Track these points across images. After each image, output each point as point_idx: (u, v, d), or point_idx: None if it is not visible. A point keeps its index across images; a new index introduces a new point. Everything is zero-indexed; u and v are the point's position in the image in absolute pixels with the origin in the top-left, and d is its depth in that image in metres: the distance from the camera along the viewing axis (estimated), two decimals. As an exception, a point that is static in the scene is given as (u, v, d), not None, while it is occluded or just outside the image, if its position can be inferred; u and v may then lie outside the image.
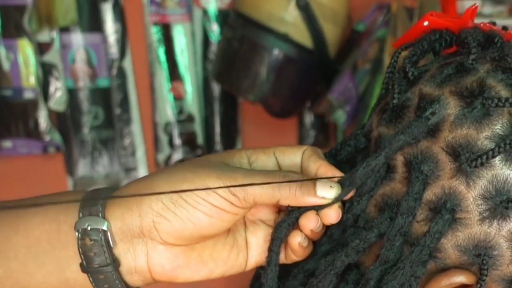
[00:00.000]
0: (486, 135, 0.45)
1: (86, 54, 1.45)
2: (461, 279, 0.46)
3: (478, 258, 0.46)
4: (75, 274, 0.48)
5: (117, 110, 1.49)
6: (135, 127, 1.51)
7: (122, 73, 1.48)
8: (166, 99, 1.50)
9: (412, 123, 0.46)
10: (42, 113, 1.43)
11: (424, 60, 0.51)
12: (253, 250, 0.52)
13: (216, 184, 0.47)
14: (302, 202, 0.48)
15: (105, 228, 0.47)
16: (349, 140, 0.53)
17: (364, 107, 1.26)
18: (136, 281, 0.49)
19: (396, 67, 0.51)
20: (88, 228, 0.47)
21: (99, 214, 0.47)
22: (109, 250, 0.47)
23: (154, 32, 1.47)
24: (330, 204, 0.48)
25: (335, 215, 0.48)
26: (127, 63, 1.48)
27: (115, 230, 0.47)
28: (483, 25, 0.49)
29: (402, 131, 0.46)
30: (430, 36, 0.50)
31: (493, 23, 0.50)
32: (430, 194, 0.46)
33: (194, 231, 0.48)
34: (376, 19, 1.28)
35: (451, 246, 0.46)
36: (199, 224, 0.47)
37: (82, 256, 0.47)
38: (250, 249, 0.52)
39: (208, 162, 0.50)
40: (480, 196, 0.45)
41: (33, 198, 0.51)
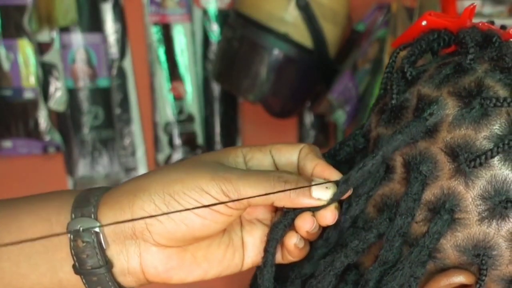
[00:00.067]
0: (484, 135, 0.45)
1: (86, 54, 1.45)
2: (460, 279, 0.46)
3: (477, 258, 0.46)
4: (68, 275, 0.47)
5: (117, 110, 1.49)
6: (135, 127, 1.51)
7: (122, 73, 1.48)
8: (166, 99, 1.50)
9: (410, 124, 0.46)
10: (42, 113, 1.43)
11: (422, 60, 0.51)
12: (250, 250, 0.51)
13: (210, 185, 0.46)
14: (297, 203, 0.47)
15: (97, 229, 0.46)
16: (348, 141, 0.53)
17: (364, 107, 1.26)
18: (130, 282, 0.49)
19: (395, 67, 0.51)
20: (80, 230, 0.46)
21: (92, 216, 0.47)
22: (102, 251, 0.47)
23: (154, 32, 1.47)
24: (326, 205, 0.47)
25: (332, 216, 0.47)
26: (127, 63, 1.48)
27: (108, 232, 0.47)
28: (481, 25, 0.49)
29: (400, 131, 0.46)
30: (428, 36, 0.50)
31: (492, 22, 0.50)
32: (429, 194, 0.46)
33: (187, 232, 0.47)
34: (376, 19, 1.28)
35: (450, 246, 0.46)
36: (192, 226, 0.47)
37: (74, 257, 0.47)
38: (246, 249, 0.51)
39: (203, 162, 0.49)
40: (479, 196, 0.45)
41: (25, 198, 0.50)
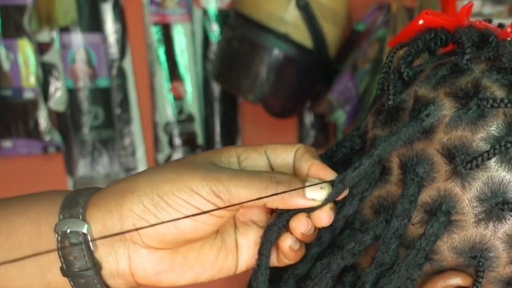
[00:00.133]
0: (481, 137, 0.44)
1: (86, 54, 1.45)
2: (457, 281, 0.46)
3: (474, 260, 0.45)
4: (57, 277, 0.47)
5: (117, 110, 1.49)
6: (135, 127, 1.51)
7: (122, 73, 1.48)
8: (166, 99, 1.50)
9: (407, 125, 0.46)
10: (42, 113, 1.43)
11: (420, 59, 0.51)
12: (244, 253, 0.50)
13: (200, 185, 0.45)
14: (290, 204, 0.46)
15: (85, 231, 0.45)
16: (345, 142, 0.52)
17: (364, 107, 1.26)
18: (119, 284, 0.48)
19: (391, 67, 0.51)
20: (67, 231, 0.45)
21: (80, 217, 0.46)
22: (90, 253, 0.46)
23: (154, 32, 1.47)
24: (321, 205, 0.46)
25: (327, 217, 0.46)
26: (127, 63, 1.48)
27: (96, 233, 0.46)
28: (478, 23, 0.49)
29: (397, 131, 0.46)
30: (425, 35, 0.49)
31: (489, 21, 0.50)
32: (425, 196, 0.46)
33: (177, 235, 0.46)
34: (376, 19, 1.28)
35: (447, 248, 0.46)
36: (183, 228, 0.46)
37: (61, 259, 0.46)
38: (240, 251, 0.50)
39: (194, 162, 0.48)
40: (475, 198, 0.44)
41: (17, 198, 0.49)
